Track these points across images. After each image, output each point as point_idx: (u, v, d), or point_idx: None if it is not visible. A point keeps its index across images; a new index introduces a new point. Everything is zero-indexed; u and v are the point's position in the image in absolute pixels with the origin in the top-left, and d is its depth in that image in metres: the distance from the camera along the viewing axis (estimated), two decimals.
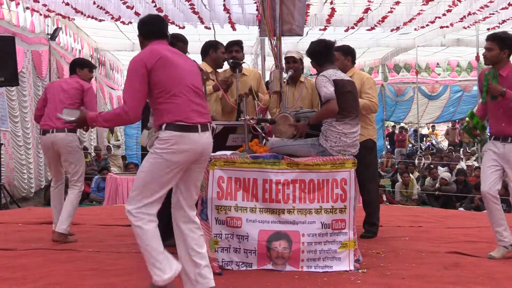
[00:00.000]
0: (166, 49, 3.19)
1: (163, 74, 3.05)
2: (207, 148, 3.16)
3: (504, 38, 4.25)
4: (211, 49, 5.10)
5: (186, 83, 3.11)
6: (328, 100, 3.99)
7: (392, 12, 10.79)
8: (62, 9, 10.29)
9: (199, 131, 3.07)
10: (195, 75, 3.24)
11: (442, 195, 10.87)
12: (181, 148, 3.02)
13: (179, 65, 3.14)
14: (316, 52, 4.24)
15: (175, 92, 3.06)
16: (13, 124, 9.82)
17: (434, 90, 19.67)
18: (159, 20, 3.36)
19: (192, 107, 3.09)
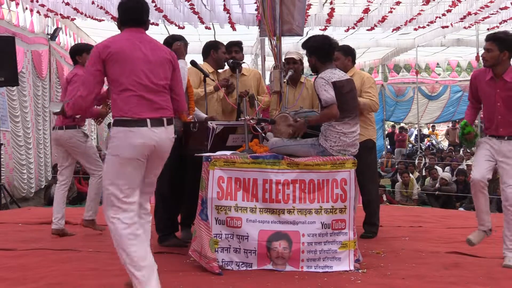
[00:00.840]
0: (127, 39, 3.15)
1: (114, 67, 3.08)
2: (162, 143, 3.14)
3: (504, 39, 4.06)
4: (212, 49, 5.10)
5: (138, 78, 3.09)
6: (329, 104, 3.99)
7: (392, 12, 10.79)
8: (62, 9, 10.30)
9: (148, 125, 3.06)
10: (157, 67, 3.17)
11: (442, 195, 10.87)
12: (129, 144, 3.04)
13: (135, 58, 3.09)
14: (321, 48, 4.17)
15: (125, 87, 3.07)
16: (13, 124, 9.82)
17: (434, 90, 19.67)
18: (135, 6, 3.26)
19: (140, 102, 3.07)
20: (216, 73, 5.17)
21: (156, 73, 3.16)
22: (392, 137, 20.48)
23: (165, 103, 3.20)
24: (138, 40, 3.18)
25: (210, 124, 4.25)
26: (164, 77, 3.21)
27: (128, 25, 3.23)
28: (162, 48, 3.29)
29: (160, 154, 3.20)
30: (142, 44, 3.17)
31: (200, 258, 3.90)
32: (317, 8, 10.77)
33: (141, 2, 3.30)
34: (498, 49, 4.06)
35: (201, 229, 3.89)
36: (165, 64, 3.23)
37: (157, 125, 3.10)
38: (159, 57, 3.20)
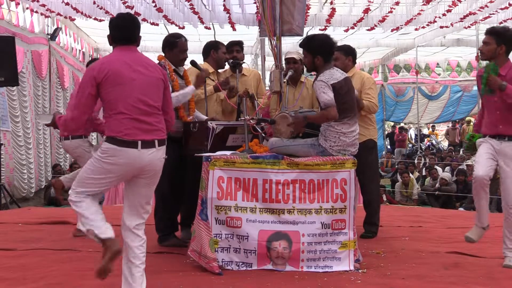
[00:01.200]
0: (121, 60, 3.15)
1: (108, 91, 3.09)
2: (150, 164, 3.14)
3: (502, 33, 4.10)
4: (212, 49, 5.10)
5: (132, 101, 3.09)
6: (328, 107, 3.98)
7: (392, 12, 10.79)
8: (62, 9, 10.30)
9: (138, 147, 3.07)
10: (150, 88, 3.18)
11: (442, 195, 10.87)
12: (116, 161, 3.08)
13: (128, 80, 3.10)
14: (326, 48, 4.15)
15: (119, 110, 3.09)
16: (14, 124, 9.82)
17: (434, 90, 19.67)
18: (126, 23, 3.25)
19: (134, 125, 3.09)
20: (216, 73, 5.17)
21: (150, 95, 3.16)
22: (392, 137, 20.48)
23: (158, 125, 3.21)
24: (132, 60, 3.17)
25: (210, 124, 4.25)
26: (157, 98, 3.22)
27: (120, 43, 3.23)
28: (154, 67, 3.29)
29: (151, 174, 3.20)
30: (135, 64, 3.17)
31: (199, 258, 3.90)
32: (317, 8, 10.77)
33: (132, 19, 3.30)
34: (496, 42, 4.08)
35: (201, 229, 3.89)
36: (158, 84, 3.24)
37: (148, 147, 3.12)
38: (153, 78, 3.21)
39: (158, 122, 3.20)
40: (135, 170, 3.13)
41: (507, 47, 4.09)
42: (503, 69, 4.11)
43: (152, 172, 3.20)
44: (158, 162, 3.20)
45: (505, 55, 4.11)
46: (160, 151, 3.19)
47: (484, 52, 4.13)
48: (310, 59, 4.17)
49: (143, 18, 10.58)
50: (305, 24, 7.59)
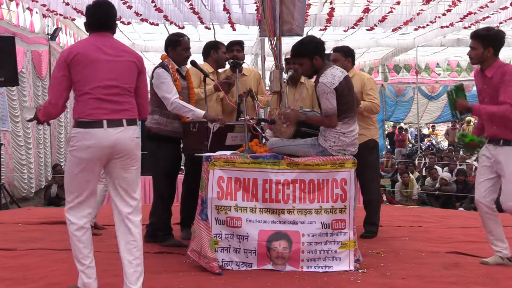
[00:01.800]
0: (92, 44, 3.19)
1: (77, 72, 3.12)
2: (119, 143, 3.11)
3: (486, 35, 3.97)
4: (212, 49, 5.11)
5: (98, 81, 3.11)
6: (329, 115, 3.98)
7: (392, 12, 10.79)
8: (62, 9, 10.30)
9: (104, 126, 3.07)
10: (120, 70, 3.17)
11: (442, 195, 10.87)
12: (84, 145, 3.08)
13: (96, 61, 3.12)
14: (322, 47, 4.14)
15: (86, 91, 3.11)
16: (14, 124, 9.82)
17: (434, 90, 19.67)
18: (100, 10, 3.29)
19: (99, 105, 3.09)
20: (216, 73, 5.17)
21: (119, 77, 3.17)
22: (392, 137, 20.48)
23: (127, 105, 3.19)
24: (103, 44, 3.20)
25: (210, 125, 4.26)
26: (128, 81, 3.21)
27: (95, 29, 3.27)
28: (128, 51, 3.30)
29: (123, 155, 3.16)
30: (106, 47, 3.19)
31: (199, 258, 3.90)
32: (317, 8, 10.77)
33: (108, 7, 3.33)
34: (482, 46, 3.97)
35: (201, 229, 3.89)
36: (129, 67, 3.23)
37: (115, 126, 3.10)
38: (123, 60, 3.21)
39: (126, 102, 3.18)
40: (105, 151, 3.10)
41: (494, 48, 3.97)
42: (489, 71, 3.99)
43: (124, 152, 3.15)
44: (129, 141, 3.15)
45: (493, 57, 4.00)
46: (129, 130, 3.15)
47: (472, 56, 4.04)
48: (309, 63, 4.10)
49: (143, 18, 10.58)
50: (305, 24, 7.59)
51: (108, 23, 3.27)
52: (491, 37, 3.98)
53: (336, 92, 3.96)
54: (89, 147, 3.08)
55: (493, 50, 3.96)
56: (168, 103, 4.39)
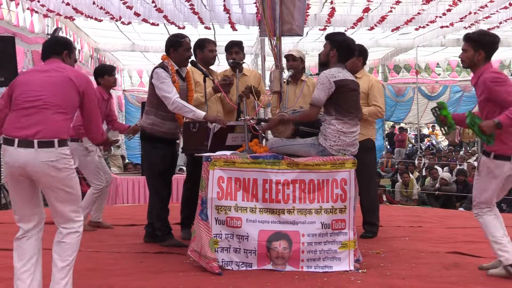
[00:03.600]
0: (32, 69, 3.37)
1: (13, 94, 3.16)
2: (28, 165, 3.00)
3: (478, 39, 3.78)
4: (198, 49, 5.09)
5: (21, 99, 3.10)
6: (312, 104, 3.99)
7: (392, 12, 10.79)
8: (62, 9, 10.30)
9: (14, 145, 3.01)
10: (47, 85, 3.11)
11: (442, 195, 10.87)
12: (4, 160, 3.12)
13: (29, 81, 3.15)
14: (347, 50, 4.13)
15: (12, 107, 3.13)
16: None
17: (434, 90, 19.67)
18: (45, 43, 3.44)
19: (15, 121, 3.07)
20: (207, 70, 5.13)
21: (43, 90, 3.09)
22: (392, 137, 20.48)
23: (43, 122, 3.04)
24: (44, 68, 3.25)
25: (210, 125, 4.26)
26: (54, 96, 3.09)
27: (44, 58, 3.37)
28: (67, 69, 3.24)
29: (36, 177, 3.06)
30: (46, 70, 3.22)
31: (199, 258, 3.90)
32: (317, 8, 10.77)
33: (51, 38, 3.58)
34: (473, 48, 3.78)
35: (201, 229, 3.89)
36: (63, 83, 3.14)
37: (25, 146, 3.01)
38: (57, 77, 3.15)
39: (46, 119, 3.05)
40: (16, 170, 3.06)
41: (486, 52, 3.77)
42: (473, 79, 3.81)
43: (38, 177, 3.05)
44: (41, 165, 3.01)
45: (484, 61, 3.77)
46: (41, 152, 3.00)
47: (464, 59, 3.87)
48: (327, 50, 4.15)
49: (143, 19, 10.58)
50: (305, 24, 7.60)
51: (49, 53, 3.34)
52: (483, 40, 3.79)
53: (337, 86, 3.96)
54: (6, 164, 3.10)
55: (484, 54, 3.76)
56: (169, 102, 4.39)
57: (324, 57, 4.22)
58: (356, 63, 5.07)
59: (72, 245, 3.15)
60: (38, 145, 3.00)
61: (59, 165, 3.05)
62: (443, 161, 14.46)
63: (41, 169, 3.02)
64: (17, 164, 3.03)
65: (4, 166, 3.12)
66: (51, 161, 3.02)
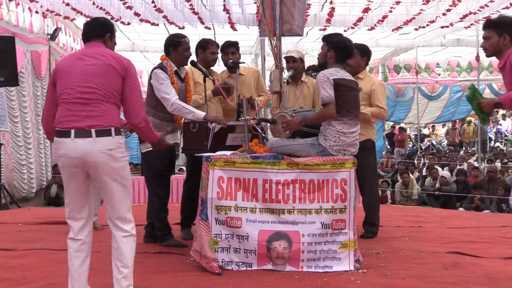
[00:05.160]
0: (73, 55, 3.26)
1: (57, 84, 3.15)
2: (87, 154, 2.99)
3: (501, 22, 3.57)
4: (200, 49, 5.08)
5: (69, 89, 3.07)
6: (326, 103, 3.98)
7: (392, 12, 10.79)
8: (62, 9, 10.30)
9: (71, 136, 3.00)
10: (92, 76, 3.07)
11: (442, 195, 10.87)
12: (59, 153, 3.09)
13: (72, 71, 3.11)
14: (346, 51, 4.14)
15: (60, 99, 3.10)
16: (12, 124, 9.81)
17: (434, 91, 19.67)
18: (87, 23, 3.34)
19: (68, 112, 3.05)
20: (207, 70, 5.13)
21: (89, 82, 3.06)
22: (391, 137, 20.48)
23: (100, 113, 3.04)
24: (84, 53, 3.20)
25: (210, 125, 4.26)
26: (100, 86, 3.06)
27: (84, 41, 3.31)
28: (107, 55, 3.16)
29: (94, 168, 3.03)
30: (85, 56, 3.16)
31: (201, 258, 3.90)
32: (317, 8, 10.77)
33: (94, 18, 3.40)
34: (497, 34, 3.56)
35: (201, 229, 3.89)
36: (106, 71, 3.10)
37: (82, 136, 3.00)
38: (98, 65, 3.10)
39: (99, 110, 3.04)
40: (73, 162, 3.03)
41: (510, 35, 3.54)
42: (500, 62, 3.62)
43: (94, 166, 3.02)
44: (98, 154, 3.00)
45: (510, 44, 3.54)
46: (98, 141, 3.00)
47: (487, 47, 3.65)
48: (325, 51, 4.17)
49: (143, 19, 10.58)
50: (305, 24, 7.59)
51: (91, 34, 3.27)
52: (506, 23, 3.57)
53: (335, 85, 3.96)
54: (62, 157, 3.08)
55: (509, 38, 3.53)
56: (168, 104, 4.39)
57: (322, 58, 4.23)
58: (360, 63, 5.09)
59: (130, 250, 3.13)
60: (96, 134, 3.00)
61: (116, 154, 3.05)
62: (443, 161, 14.47)
63: (99, 158, 3.01)
64: (75, 155, 3.00)
65: (59, 159, 3.08)
66: (109, 150, 3.02)
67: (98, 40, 3.25)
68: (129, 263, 3.12)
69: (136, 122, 3.19)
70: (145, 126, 3.24)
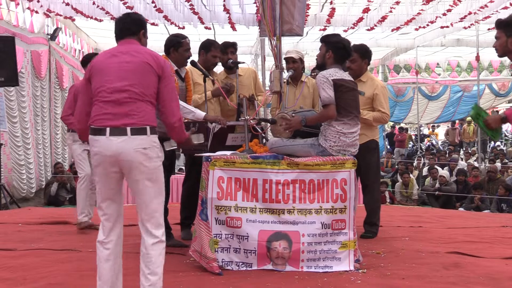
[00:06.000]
0: (108, 52, 3.18)
1: (92, 82, 3.11)
2: (121, 153, 2.95)
3: (507, 22, 3.50)
4: (203, 50, 5.08)
5: (105, 87, 3.03)
6: (326, 104, 3.98)
7: (392, 12, 10.79)
8: (62, 9, 10.31)
9: (106, 134, 2.96)
10: (129, 74, 3.03)
11: (442, 195, 10.87)
12: (94, 151, 3.05)
13: (108, 69, 3.06)
14: (343, 51, 4.15)
15: (96, 97, 3.06)
16: (11, 124, 9.80)
17: (434, 91, 19.68)
18: (120, 20, 3.27)
19: (103, 111, 3.01)
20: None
21: (125, 80, 3.02)
22: (391, 137, 20.49)
23: (133, 111, 3.00)
24: (120, 51, 3.14)
25: (210, 125, 4.26)
26: (136, 85, 3.02)
27: (117, 38, 3.25)
28: (143, 53, 3.11)
29: (128, 167, 2.99)
30: (121, 53, 3.11)
31: (200, 258, 3.90)
32: (317, 8, 10.77)
33: (127, 14, 3.32)
34: (505, 34, 3.50)
35: (201, 229, 3.89)
36: (143, 69, 3.05)
37: (117, 134, 2.96)
38: (135, 63, 3.06)
39: (135, 108, 3.00)
40: (107, 160, 2.99)
41: None
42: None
43: (129, 165, 2.97)
44: (133, 152, 2.95)
45: None
46: (134, 140, 2.96)
47: (497, 47, 3.61)
48: (323, 52, 4.18)
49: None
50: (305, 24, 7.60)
51: (124, 31, 3.21)
52: None
53: (334, 85, 3.96)
54: (96, 154, 3.02)
55: None
56: None
57: (321, 59, 4.24)
58: (362, 66, 5.08)
59: (158, 256, 3.03)
60: (131, 132, 2.96)
61: (151, 153, 3.01)
62: (442, 161, 14.47)
63: (134, 157, 2.96)
64: (109, 153, 2.96)
65: (94, 157, 3.05)
66: (144, 149, 2.98)
67: (132, 37, 3.20)
68: (157, 270, 3.01)
69: (172, 122, 3.14)
70: (180, 125, 3.20)
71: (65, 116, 5.46)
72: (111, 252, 3.08)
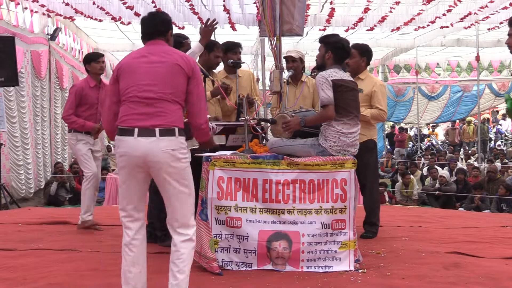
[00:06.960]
0: (137, 53, 3.15)
1: (121, 83, 3.09)
2: (149, 154, 2.94)
3: None
4: (205, 49, 5.07)
5: (134, 88, 3.02)
6: (325, 105, 3.99)
7: (392, 12, 10.80)
8: (62, 9, 10.31)
9: (135, 135, 2.95)
10: (159, 76, 3.02)
11: (442, 195, 10.88)
12: (120, 152, 3.03)
13: (138, 70, 3.05)
14: (342, 51, 4.14)
15: (125, 98, 3.05)
16: (10, 124, 9.80)
17: (434, 91, 19.69)
18: (148, 20, 3.23)
19: (132, 111, 2.99)
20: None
21: (155, 81, 3.02)
22: (391, 137, 20.49)
23: (162, 112, 2.99)
24: (149, 51, 3.12)
25: (210, 124, 4.25)
26: (166, 86, 3.02)
27: (145, 39, 3.23)
28: (172, 54, 3.11)
29: (156, 168, 2.97)
30: (151, 54, 3.09)
31: (200, 258, 3.90)
32: (317, 8, 10.78)
33: (155, 14, 3.29)
34: None
35: (201, 229, 3.88)
36: (172, 70, 3.05)
37: (146, 135, 2.95)
38: (165, 64, 3.05)
39: (164, 109, 2.99)
40: (134, 161, 2.97)
41: None
42: None
43: (157, 166, 2.95)
44: (161, 154, 2.94)
45: None
46: (162, 141, 2.95)
47: (510, 44, 3.53)
48: (322, 53, 4.19)
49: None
50: (305, 24, 7.60)
51: (152, 31, 3.18)
52: None
53: (334, 85, 3.97)
54: (123, 155, 3.00)
55: None
56: None
57: (320, 60, 4.25)
58: (360, 63, 5.06)
59: (187, 255, 3.02)
60: (160, 133, 2.95)
61: (179, 154, 2.99)
62: (442, 160, 14.47)
63: (161, 158, 2.95)
64: (137, 154, 2.95)
65: (120, 158, 3.03)
66: (172, 150, 2.97)
67: (161, 38, 3.18)
68: (185, 269, 3.01)
69: (200, 123, 3.15)
70: (206, 127, 3.20)
71: (66, 116, 5.47)
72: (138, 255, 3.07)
